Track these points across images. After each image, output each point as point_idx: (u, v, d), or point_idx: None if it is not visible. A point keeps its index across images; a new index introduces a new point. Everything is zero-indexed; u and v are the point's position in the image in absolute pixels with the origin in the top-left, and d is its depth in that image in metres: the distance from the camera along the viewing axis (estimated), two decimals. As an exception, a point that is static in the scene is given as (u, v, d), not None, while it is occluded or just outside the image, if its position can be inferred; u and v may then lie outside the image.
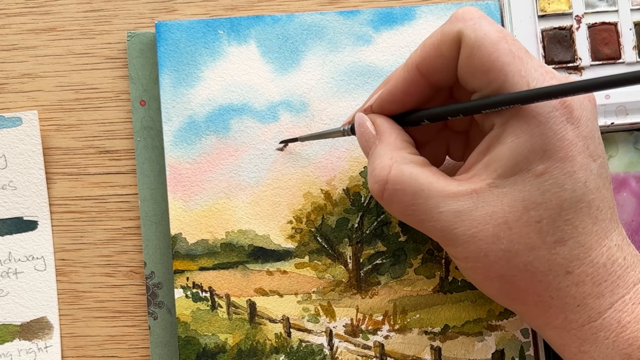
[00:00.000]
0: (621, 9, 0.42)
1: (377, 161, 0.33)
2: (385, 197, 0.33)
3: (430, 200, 0.32)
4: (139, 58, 0.42)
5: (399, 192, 0.32)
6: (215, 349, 0.40)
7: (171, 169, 0.40)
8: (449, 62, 0.32)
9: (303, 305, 0.40)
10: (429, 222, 0.32)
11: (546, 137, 0.30)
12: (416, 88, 0.34)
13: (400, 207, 0.33)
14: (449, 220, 0.32)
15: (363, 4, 0.43)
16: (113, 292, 0.42)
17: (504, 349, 0.40)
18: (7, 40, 0.43)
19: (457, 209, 0.31)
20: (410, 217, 0.33)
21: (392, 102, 0.34)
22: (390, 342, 0.40)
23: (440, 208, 0.32)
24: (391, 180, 0.32)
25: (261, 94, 0.41)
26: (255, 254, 0.40)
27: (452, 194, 0.32)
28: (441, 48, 0.32)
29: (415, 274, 0.40)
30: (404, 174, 0.32)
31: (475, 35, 0.31)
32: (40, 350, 0.41)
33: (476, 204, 0.31)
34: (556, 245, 0.31)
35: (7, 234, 0.42)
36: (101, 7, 0.43)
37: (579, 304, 0.31)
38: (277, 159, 0.41)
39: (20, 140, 0.42)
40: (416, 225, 0.33)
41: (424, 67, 0.33)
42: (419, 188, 0.32)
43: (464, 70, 0.32)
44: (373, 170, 0.33)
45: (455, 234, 0.32)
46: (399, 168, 0.32)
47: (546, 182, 0.31)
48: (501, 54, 0.31)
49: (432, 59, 0.33)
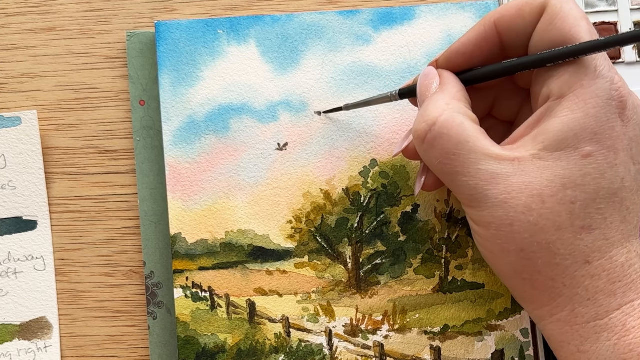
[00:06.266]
0: (621, 8, 0.42)
1: (432, 104, 0.33)
2: (428, 138, 0.33)
3: (472, 154, 0.32)
4: (138, 58, 0.42)
5: (444, 137, 0.32)
6: (215, 349, 0.40)
7: (171, 169, 0.40)
8: (526, 26, 0.33)
9: (303, 305, 0.40)
10: (464, 176, 0.32)
11: (600, 121, 0.31)
12: (487, 44, 0.34)
13: (440, 152, 0.32)
14: (484, 179, 0.31)
15: (363, 4, 0.43)
16: (112, 292, 0.42)
17: (503, 349, 0.40)
18: (6, 40, 0.43)
19: (495, 171, 0.31)
20: (445, 167, 0.33)
21: (461, 55, 0.34)
22: (390, 342, 0.40)
23: (479, 164, 0.32)
24: (440, 123, 0.32)
25: (261, 93, 0.41)
26: (254, 253, 0.40)
27: (495, 154, 0.32)
28: (524, 10, 0.33)
29: (415, 274, 0.40)
30: (455, 121, 0.32)
31: (561, 6, 0.32)
32: (39, 350, 0.41)
33: (515, 171, 0.31)
34: (583, 231, 0.31)
35: (6, 233, 0.42)
36: (101, 6, 0.43)
37: (590, 297, 0.31)
38: (276, 158, 0.41)
39: (19, 140, 0.42)
40: (448, 177, 0.33)
41: (501, 24, 0.33)
42: (465, 139, 0.32)
43: (541, 37, 0.32)
44: (425, 111, 0.33)
45: (487, 195, 0.31)
46: (451, 114, 0.32)
47: (589, 165, 0.31)
48: (581, 29, 0.31)
49: (512, 18, 0.33)
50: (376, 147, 0.41)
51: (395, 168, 0.41)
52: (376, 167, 0.41)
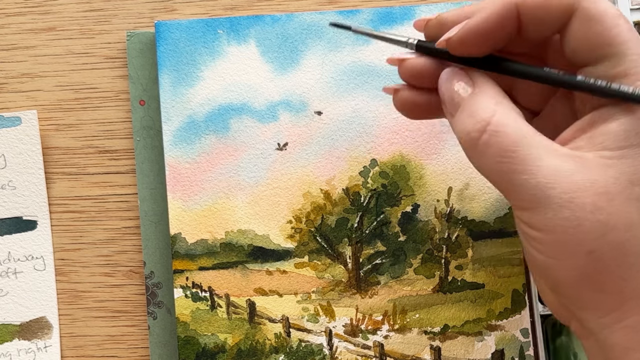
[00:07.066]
0: (621, 8, 0.42)
1: (479, 104, 0.31)
2: (483, 139, 0.30)
3: (532, 149, 0.30)
4: (138, 58, 0.42)
5: (501, 135, 0.30)
6: (215, 349, 0.40)
7: (170, 169, 0.40)
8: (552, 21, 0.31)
9: (302, 305, 0.40)
10: (524, 174, 0.30)
11: None
12: (505, 27, 0.31)
13: (497, 151, 0.30)
14: (547, 177, 0.29)
15: (363, 4, 0.43)
16: (112, 291, 0.42)
17: (503, 348, 0.40)
18: (6, 40, 0.43)
19: (558, 167, 0.29)
20: (504, 166, 0.30)
21: (479, 37, 0.32)
22: (390, 342, 0.40)
23: (541, 160, 0.30)
24: (495, 121, 0.30)
25: (261, 93, 0.41)
26: (254, 253, 0.40)
27: (556, 150, 0.30)
28: (552, 4, 0.31)
29: (415, 274, 0.40)
30: (510, 118, 0.30)
31: (595, 7, 0.30)
32: (39, 350, 0.41)
33: (578, 168, 0.30)
34: None
35: (6, 233, 0.42)
36: (100, 6, 0.43)
37: None
38: (276, 158, 0.41)
39: (19, 140, 0.42)
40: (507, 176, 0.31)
41: (524, 9, 0.31)
42: (523, 135, 0.30)
43: (578, 42, 0.31)
44: (473, 112, 0.31)
45: (550, 195, 0.29)
46: (504, 111, 0.31)
47: None
48: (623, 29, 0.30)
49: (537, 8, 0.31)
50: (376, 147, 0.41)
51: (395, 168, 0.41)
52: (376, 167, 0.41)
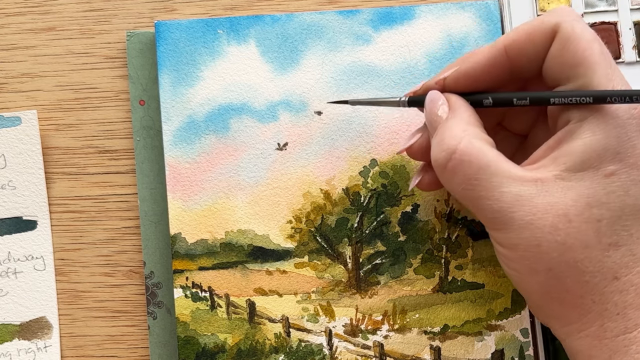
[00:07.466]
0: (621, 8, 0.42)
1: (448, 132, 0.33)
2: (449, 166, 0.33)
3: (494, 177, 0.32)
4: (138, 58, 0.42)
5: (465, 164, 0.32)
6: (215, 349, 0.40)
7: (170, 169, 0.40)
8: (537, 51, 0.33)
9: (302, 305, 0.40)
10: (488, 200, 0.32)
11: (621, 140, 0.31)
12: (497, 69, 0.34)
13: (462, 179, 0.33)
14: (509, 202, 0.32)
15: (362, 4, 0.43)
16: (112, 291, 0.42)
17: (503, 348, 0.40)
18: (6, 40, 0.43)
19: (519, 193, 0.32)
20: (469, 192, 0.33)
21: (469, 78, 0.35)
22: (390, 342, 0.40)
23: (502, 187, 0.32)
24: (460, 150, 0.32)
25: (260, 93, 0.41)
26: (254, 253, 0.40)
27: (517, 177, 0.32)
28: (534, 35, 0.33)
29: (415, 274, 0.40)
30: (474, 147, 0.32)
31: (572, 29, 0.32)
32: (39, 350, 0.41)
33: (539, 192, 0.31)
34: (610, 248, 0.31)
35: (6, 233, 0.42)
36: (100, 6, 0.43)
37: (619, 312, 0.32)
38: (276, 158, 0.41)
39: (19, 140, 0.42)
40: (472, 202, 0.33)
41: (512, 49, 0.34)
42: (486, 164, 0.32)
43: (554, 62, 0.33)
44: (442, 140, 0.33)
45: (512, 217, 0.32)
46: (470, 140, 0.32)
47: (613, 184, 0.31)
48: (594, 52, 0.32)
49: (523, 44, 0.33)
50: (376, 147, 0.41)
51: (395, 168, 0.41)
52: (376, 167, 0.41)
